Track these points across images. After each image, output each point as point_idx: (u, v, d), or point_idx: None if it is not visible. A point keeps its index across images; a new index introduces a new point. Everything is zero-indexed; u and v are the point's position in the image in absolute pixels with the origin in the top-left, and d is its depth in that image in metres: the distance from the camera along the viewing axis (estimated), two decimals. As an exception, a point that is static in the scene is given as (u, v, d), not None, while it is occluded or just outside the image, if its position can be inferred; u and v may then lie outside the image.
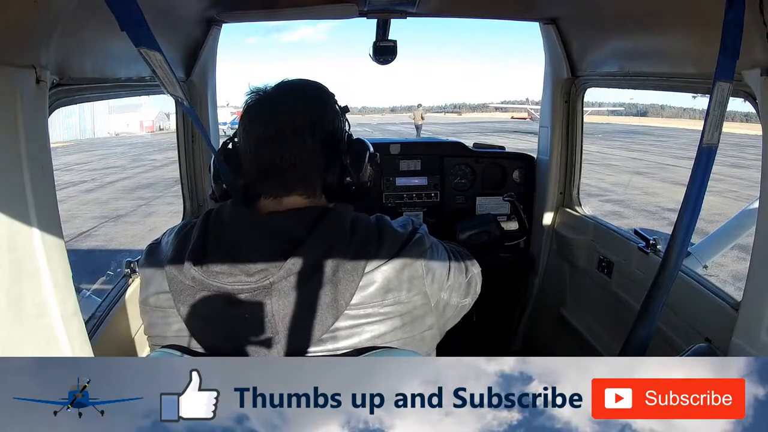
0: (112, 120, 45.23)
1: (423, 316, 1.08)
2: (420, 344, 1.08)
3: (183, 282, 1.02)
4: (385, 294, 1.03)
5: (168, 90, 0.99)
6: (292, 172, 1.07)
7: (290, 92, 1.13)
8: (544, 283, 2.61)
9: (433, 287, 1.09)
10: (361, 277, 1.01)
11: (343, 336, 1.02)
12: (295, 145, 1.06)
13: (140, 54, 0.92)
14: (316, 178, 1.09)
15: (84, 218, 10.06)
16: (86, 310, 1.36)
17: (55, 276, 0.97)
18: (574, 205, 2.45)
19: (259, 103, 1.11)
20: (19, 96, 0.93)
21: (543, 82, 2.46)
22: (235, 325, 1.00)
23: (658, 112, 72.62)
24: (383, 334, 1.03)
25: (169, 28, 1.87)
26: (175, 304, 1.03)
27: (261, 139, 1.07)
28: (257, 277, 0.99)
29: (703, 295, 1.54)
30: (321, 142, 1.09)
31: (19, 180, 0.93)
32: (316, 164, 1.08)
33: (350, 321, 1.02)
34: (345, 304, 1.00)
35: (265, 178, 1.07)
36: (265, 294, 0.99)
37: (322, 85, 1.17)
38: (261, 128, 1.08)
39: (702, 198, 1.19)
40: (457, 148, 2.68)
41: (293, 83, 1.15)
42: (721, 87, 1.11)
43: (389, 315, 1.03)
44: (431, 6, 2.11)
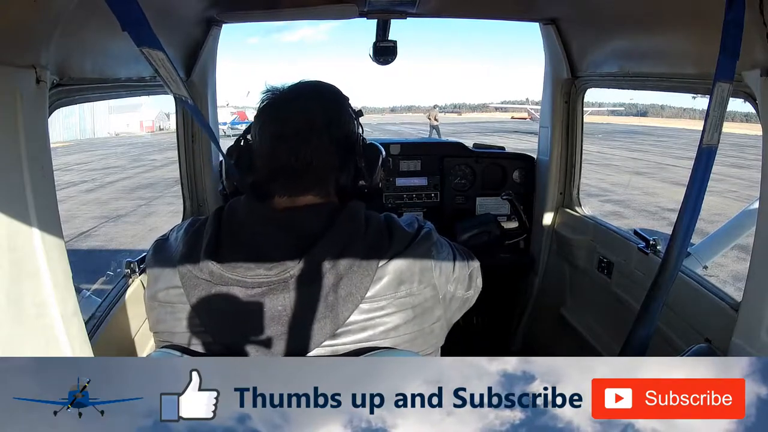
0: (112, 120, 45.22)
1: (432, 308, 1.10)
2: (429, 337, 1.10)
3: (198, 277, 1.03)
4: (398, 286, 1.05)
5: (171, 89, 1.00)
6: (308, 172, 1.08)
7: (307, 92, 1.14)
8: (544, 283, 2.61)
9: (441, 279, 1.11)
10: (375, 271, 1.03)
11: (356, 329, 1.03)
12: (311, 144, 1.08)
13: (143, 54, 0.92)
14: (331, 179, 1.11)
15: (84, 218, 10.06)
16: (86, 310, 1.36)
17: (55, 276, 0.97)
18: (574, 206, 2.45)
19: (277, 102, 1.12)
20: (19, 96, 0.93)
21: (543, 83, 2.46)
22: (250, 317, 1.01)
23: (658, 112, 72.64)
24: (396, 326, 1.05)
25: (169, 28, 1.87)
26: (189, 299, 1.03)
27: (277, 138, 1.08)
28: (276, 270, 1.00)
29: (703, 295, 1.54)
30: (337, 143, 1.11)
31: (19, 180, 0.93)
32: (332, 165, 1.10)
33: (364, 315, 1.03)
34: (360, 298, 1.02)
35: (280, 176, 1.08)
36: (282, 287, 1.00)
37: (338, 88, 1.19)
38: (278, 127, 1.09)
39: (702, 198, 1.19)
40: (457, 149, 2.68)
41: (310, 84, 1.17)
42: (721, 87, 1.11)
43: (402, 307, 1.05)
44: (431, 6, 2.11)
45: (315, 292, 1.01)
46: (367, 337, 1.04)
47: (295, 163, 1.07)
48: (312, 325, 1.00)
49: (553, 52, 2.32)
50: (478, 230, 2.32)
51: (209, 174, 2.25)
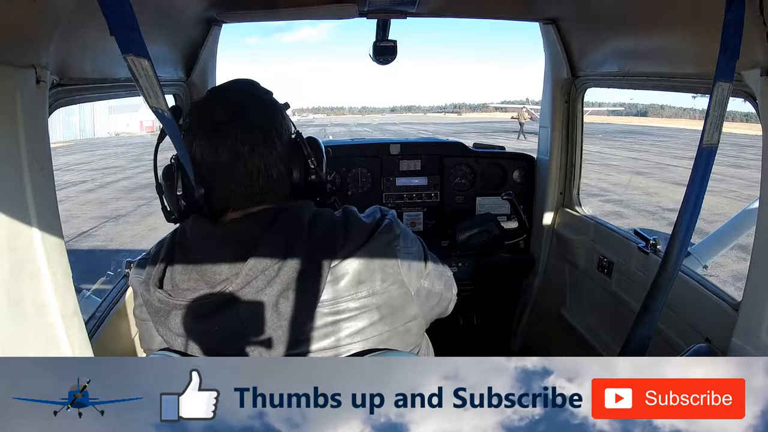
0: (112, 120, 45.22)
1: (403, 307, 1.04)
2: (405, 336, 1.05)
3: (153, 304, 1.00)
4: (357, 286, 0.99)
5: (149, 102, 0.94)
6: (265, 183, 1.04)
7: (247, 99, 1.07)
8: (544, 283, 2.62)
9: (411, 275, 1.05)
10: (328, 272, 0.98)
11: (319, 336, 0.99)
12: (269, 156, 1.04)
13: (125, 61, 0.89)
14: (285, 184, 1.07)
15: (84, 218, 10.06)
16: (86, 310, 1.36)
17: (55, 276, 0.97)
18: (574, 206, 2.45)
19: (216, 119, 1.03)
20: (19, 96, 0.93)
21: (543, 82, 2.46)
22: (209, 338, 0.98)
23: (658, 112, 72.59)
24: (362, 329, 1.00)
25: (169, 28, 1.87)
26: (154, 324, 1.02)
27: (234, 157, 1.02)
28: (219, 287, 0.96)
29: (703, 295, 1.54)
30: (286, 147, 1.07)
31: (19, 180, 0.93)
32: (286, 170, 1.07)
33: (325, 319, 0.99)
34: (315, 301, 0.97)
35: (239, 192, 1.04)
36: (229, 304, 0.96)
37: (258, 83, 1.12)
38: (231, 144, 1.02)
39: (702, 198, 1.19)
40: (457, 148, 2.68)
41: (242, 92, 1.09)
42: (721, 87, 1.11)
43: (365, 308, 1.00)
44: (431, 6, 2.11)
45: (261, 304, 0.95)
46: (333, 342, 0.99)
47: (255, 179, 1.03)
48: (269, 338, 0.96)
49: (553, 52, 2.32)
50: (478, 230, 2.33)
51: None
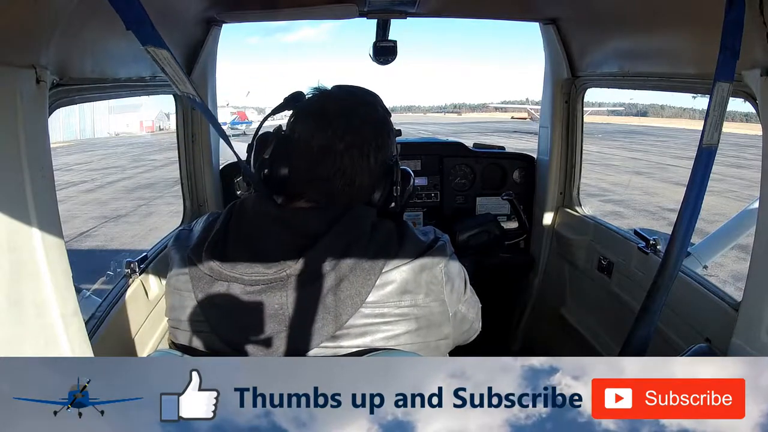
0: (112, 120, 45.21)
1: (440, 324, 1.07)
2: (434, 352, 1.08)
3: (201, 270, 1.04)
4: (402, 295, 1.03)
5: (179, 88, 0.99)
6: (344, 187, 1.08)
7: (361, 110, 1.11)
8: (544, 283, 2.61)
9: (452, 297, 1.08)
10: (378, 276, 1.01)
11: (356, 333, 1.02)
12: (358, 165, 1.07)
13: (148, 52, 0.92)
14: (363, 196, 1.10)
15: (84, 218, 10.07)
16: (86, 310, 1.36)
17: (55, 276, 0.97)
18: (574, 206, 2.45)
19: (329, 112, 1.08)
20: (19, 96, 0.93)
21: (543, 82, 2.46)
22: (249, 315, 1.01)
23: (658, 112, 72.61)
24: (397, 335, 1.03)
25: (169, 28, 1.87)
26: (193, 290, 1.04)
27: (326, 151, 1.06)
28: (274, 269, 1.00)
29: (703, 295, 1.54)
30: (380, 165, 1.10)
31: (19, 180, 0.93)
32: (371, 186, 1.10)
33: (364, 319, 1.02)
34: (360, 302, 1.01)
35: (317, 186, 1.08)
36: (280, 286, 1.00)
37: (383, 102, 1.16)
38: (328, 140, 1.06)
39: (702, 198, 1.19)
40: (457, 148, 2.68)
41: (361, 98, 1.13)
42: (721, 87, 1.11)
43: (404, 317, 1.03)
44: (431, 6, 2.11)
45: (314, 293, 1.00)
46: (368, 342, 1.02)
47: (337, 179, 1.07)
48: (311, 325, 1.00)
49: (553, 52, 2.32)
50: (478, 230, 2.32)
51: (209, 174, 2.25)
